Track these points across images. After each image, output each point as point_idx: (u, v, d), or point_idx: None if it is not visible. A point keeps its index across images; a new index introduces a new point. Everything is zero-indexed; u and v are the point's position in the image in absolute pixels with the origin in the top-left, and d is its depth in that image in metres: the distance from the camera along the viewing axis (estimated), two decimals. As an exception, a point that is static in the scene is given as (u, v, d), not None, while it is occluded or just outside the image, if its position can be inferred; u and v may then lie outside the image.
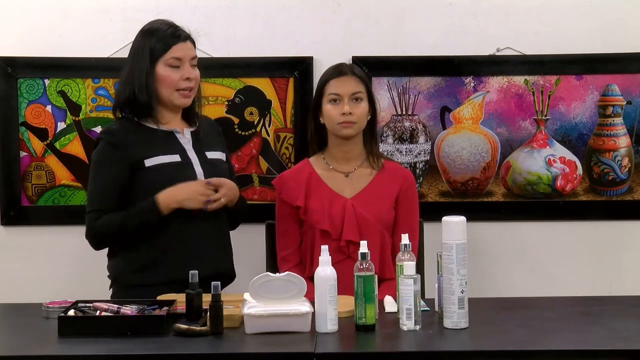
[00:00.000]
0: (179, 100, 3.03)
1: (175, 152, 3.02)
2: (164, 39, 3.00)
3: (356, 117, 3.15)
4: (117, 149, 2.98)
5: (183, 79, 3.00)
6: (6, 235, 3.73)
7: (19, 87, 3.68)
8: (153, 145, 3.00)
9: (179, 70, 3.00)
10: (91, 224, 2.98)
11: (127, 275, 3.01)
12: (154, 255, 2.97)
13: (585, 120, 3.72)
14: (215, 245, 3.05)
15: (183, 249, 2.97)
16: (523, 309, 2.79)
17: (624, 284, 3.71)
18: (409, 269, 2.53)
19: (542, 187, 3.74)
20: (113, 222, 2.95)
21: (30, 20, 3.68)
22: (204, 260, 2.96)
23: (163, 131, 3.04)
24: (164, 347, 2.40)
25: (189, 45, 3.04)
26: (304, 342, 2.43)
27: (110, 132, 3.03)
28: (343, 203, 3.16)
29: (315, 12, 3.69)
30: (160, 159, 2.99)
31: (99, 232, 2.98)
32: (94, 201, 2.99)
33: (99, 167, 3.00)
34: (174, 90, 3.01)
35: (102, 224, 2.96)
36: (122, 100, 3.04)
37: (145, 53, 3.00)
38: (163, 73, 3.00)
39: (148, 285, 2.92)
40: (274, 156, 3.71)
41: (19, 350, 2.44)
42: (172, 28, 3.03)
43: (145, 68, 2.98)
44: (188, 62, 3.02)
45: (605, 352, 2.37)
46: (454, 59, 3.70)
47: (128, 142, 2.99)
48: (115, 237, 2.98)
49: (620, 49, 3.68)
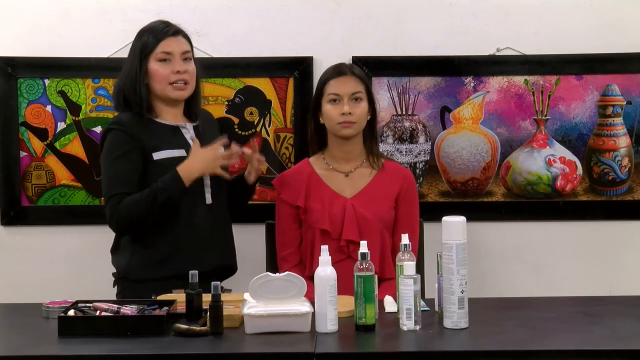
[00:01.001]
0: (173, 93, 3.05)
1: (181, 147, 3.04)
2: (153, 35, 3.04)
3: (356, 117, 3.15)
4: (131, 138, 3.00)
5: (174, 72, 3.03)
6: (6, 235, 3.73)
7: (19, 87, 3.68)
8: (160, 139, 3.03)
9: (169, 64, 3.04)
10: (115, 207, 2.96)
11: (138, 270, 3.02)
12: (166, 249, 2.99)
13: (585, 120, 3.72)
14: (222, 238, 3.11)
15: (191, 242, 3.00)
16: (523, 309, 2.79)
17: (624, 284, 3.71)
18: (409, 269, 2.53)
19: (542, 187, 3.74)
20: (138, 201, 2.94)
21: (30, 20, 3.68)
22: (213, 252, 3.03)
23: (169, 125, 3.08)
24: (164, 347, 2.40)
25: (180, 40, 3.07)
26: (304, 342, 2.43)
27: (123, 122, 3.04)
28: (343, 203, 3.16)
29: (315, 12, 3.69)
30: (167, 152, 3.02)
31: (126, 213, 2.96)
32: (114, 186, 2.97)
33: (116, 153, 3.00)
34: (166, 84, 3.04)
35: (127, 204, 2.95)
36: (118, 100, 3.08)
37: (136, 52, 3.05)
38: (154, 68, 3.04)
39: (160, 279, 2.94)
40: (274, 156, 3.71)
41: (19, 350, 2.44)
42: (163, 24, 3.07)
43: (135, 66, 3.03)
44: (179, 56, 3.05)
45: (605, 352, 2.37)
46: (454, 59, 3.70)
47: (139, 133, 3.01)
48: (142, 215, 2.95)
49: (620, 49, 3.68)
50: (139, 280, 3.01)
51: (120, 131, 3.01)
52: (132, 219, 2.97)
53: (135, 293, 2.94)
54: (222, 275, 3.09)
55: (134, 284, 3.02)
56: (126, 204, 2.95)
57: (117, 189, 2.97)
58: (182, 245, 3.00)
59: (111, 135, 3.03)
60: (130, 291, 3.01)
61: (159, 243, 3.00)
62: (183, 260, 2.96)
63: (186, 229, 3.01)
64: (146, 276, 2.99)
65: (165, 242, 3.00)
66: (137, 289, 2.98)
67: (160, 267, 2.99)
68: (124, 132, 3.01)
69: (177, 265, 2.96)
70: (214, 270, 2.98)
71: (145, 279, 2.98)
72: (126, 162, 2.99)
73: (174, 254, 2.99)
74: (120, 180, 2.98)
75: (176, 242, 3.00)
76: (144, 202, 2.94)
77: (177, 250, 3.00)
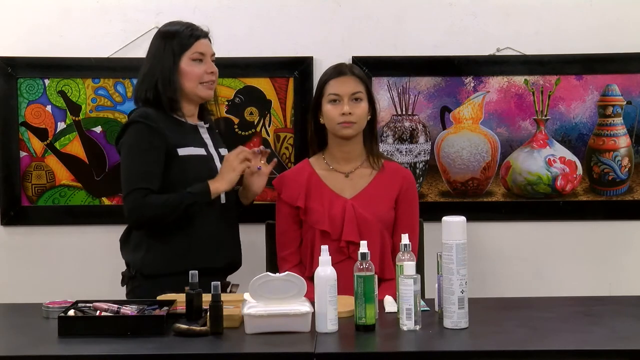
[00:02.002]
0: (203, 92, 3.12)
1: (201, 146, 3.11)
2: (186, 36, 3.09)
3: (356, 117, 3.15)
4: (157, 133, 3.01)
5: (207, 72, 3.11)
6: (6, 235, 3.73)
7: (19, 87, 3.68)
8: (183, 136, 3.07)
9: (202, 64, 3.11)
10: (140, 201, 2.95)
11: (155, 264, 3.02)
12: (184, 245, 3.02)
13: (585, 120, 3.72)
14: (233, 236, 3.18)
15: (210, 239, 3.05)
16: (523, 309, 2.79)
17: (624, 284, 3.71)
18: (409, 269, 2.53)
19: (542, 187, 3.74)
20: (166, 204, 2.96)
21: (30, 20, 3.68)
22: (227, 249, 3.12)
23: (189, 124, 3.13)
24: (164, 347, 2.40)
25: (209, 42, 3.16)
26: (304, 342, 2.43)
27: (147, 117, 3.03)
28: (343, 203, 3.16)
29: (315, 12, 3.69)
30: (191, 150, 3.06)
31: (151, 212, 2.96)
32: (138, 180, 2.97)
33: (140, 147, 3.00)
34: (197, 83, 3.10)
35: (153, 204, 2.96)
36: (142, 99, 3.09)
37: (167, 51, 3.08)
38: (187, 68, 3.08)
39: (177, 273, 2.92)
40: (274, 156, 3.71)
41: (19, 350, 2.44)
42: (192, 26, 3.14)
43: (169, 65, 3.07)
44: (209, 57, 3.13)
45: (605, 352, 2.37)
46: (454, 59, 3.70)
47: (164, 128, 3.03)
48: (165, 217, 2.97)
49: (620, 49, 3.68)
50: (154, 276, 3.01)
51: (146, 125, 3.01)
52: (155, 219, 2.99)
53: (145, 291, 2.95)
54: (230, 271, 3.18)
55: (146, 281, 3.02)
56: (152, 204, 2.96)
57: (140, 183, 2.97)
58: (199, 241, 3.04)
59: (136, 127, 3.02)
60: (141, 290, 3.01)
61: (177, 239, 3.02)
62: (201, 256, 3.01)
63: (203, 227, 3.04)
64: (163, 270, 3.00)
65: (184, 238, 3.02)
66: (148, 286, 2.98)
67: (178, 262, 2.99)
68: (150, 126, 3.00)
69: (195, 260, 2.96)
70: (226, 266, 3.12)
71: (161, 274, 2.99)
72: (151, 156, 2.99)
73: (192, 249, 3.02)
74: (143, 174, 2.98)
75: (194, 238, 3.03)
76: (170, 206, 2.96)
77: (195, 245, 3.03)
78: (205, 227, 3.04)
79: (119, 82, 3.68)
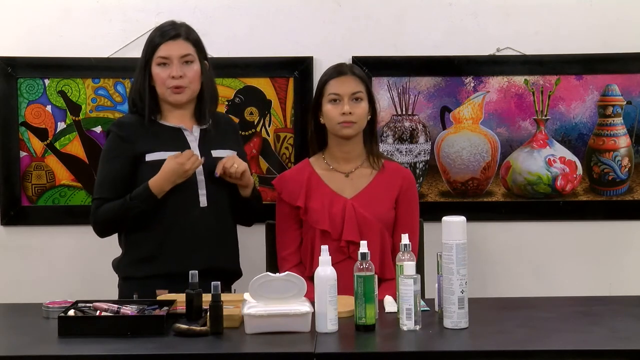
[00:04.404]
0: (171, 97, 3.08)
1: (179, 149, 3.04)
2: (154, 39, 3.09)
3: (356, 117, 3.15)
4: (124, 142, 3.06)
5: (170, 77, 3.05)
6: (6, 235, 3.73)
7: (19, 87, 3.68)
8: (158, 141, 3.06)
9: (166, 68, 3.06)
10: (93, 211, 3.07)
11: (126, 267, 3.08)
12: (151, 249, 3.03)
13: (585, 120, 3.72)
14: (215, 240, 3.07)
15: (179, 243, 3.02)
16: (523, 309, 2.79)
17: (624, 284, 3.71)
18: (409, 269, 2.53)
19: (542, 187, 3.74)
20: (112, 210, 3.02)
21: (30, 20, 3.68)
22: (204, 255, 3.02)
23: (171, 127, 3.10)
24: (164, 347, 2.40)
25: (180, 43, 3.08)
26: (304, 342, 2.43)
27: (120, 125, 3.12)
28: (343, 203, 3.16)
29: (315, 12, 3.69)
30: (161, 154, 3.03)
31: (100, 219, 3.06)
32: (97, 190, 3.08)
33: (106, 157, 3.10)
34: (165, 88, 3.07)
35: (103, 211, 3.04)
36: (130, 104, 3.16)
37: (142, 57, 3.11)
38: (155, 72, 3.08)
39: (144, 277, 2.99)
40: (274, 156, 3.71)
41: (19, 350, 2.44)
42: (169, 26, 3.09)
43: (140, 71, 3.09)
44: (177, 60, 3.06)
45: (605, 352, 2.37)
46: (454, 59, 3.70)
47: (135, 136, 3.06)
48: (116, 224, 3.07)
49: (620, 49, 3.68)
50: (126, 278, 3.08)
51: (115, 133, 3.09)
52: (108, 227, 3.09)
53: (122, 293, 3.05)
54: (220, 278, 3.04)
55: (123, 283, 3.10)
56: (103, 211, 3.04)
57: (97, 193, 3.08)
58: (168, 245, 3.02)
59: (108, 137, 3.12)
60: (124, 288, 3.08)
61: (146, 242, 3.04)
62: (168, 260, 3.00)
63: (174, 230, 3.02)
64: (133, 274, 3.05)
65: (152, 242, 3.03)
66: (124, 287, 3.06)
67: (145, 266, 3.02)
68: (117, 135, 3.08)
69: (161, 265, 3.00)
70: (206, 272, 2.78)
71: (132, 277, 3.04)
72: (113, 166, 3.06)
73: (160, 253, 3.02)
74: (104, 185, 3.07)
75: (163, 242, 3.02)
76: (117, 212, 3.02)
77: (163, 250, 3.02)
78: (177, 231, 3.02)
79: (119, 82, 3.68)
